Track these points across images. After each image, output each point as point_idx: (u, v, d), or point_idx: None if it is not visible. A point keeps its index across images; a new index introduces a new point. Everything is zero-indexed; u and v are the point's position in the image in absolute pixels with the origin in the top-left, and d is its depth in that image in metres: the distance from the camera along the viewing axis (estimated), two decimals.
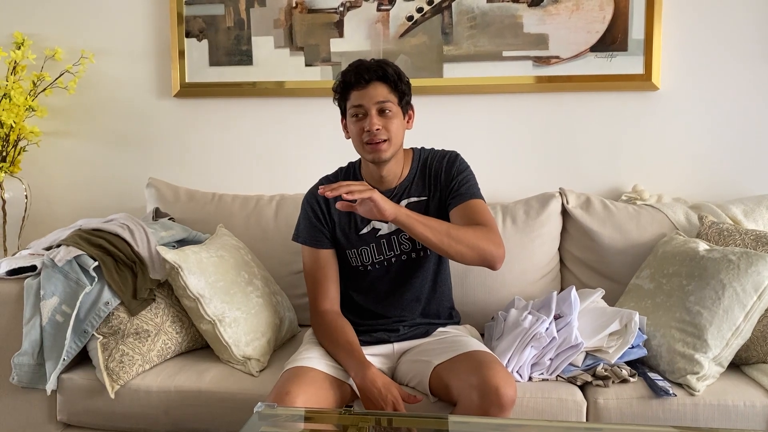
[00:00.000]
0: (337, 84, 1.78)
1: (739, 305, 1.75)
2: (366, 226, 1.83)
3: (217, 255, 2.01)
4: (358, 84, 1.73)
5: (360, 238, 1.84)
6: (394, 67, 1.77)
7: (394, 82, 1.74)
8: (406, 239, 1.82)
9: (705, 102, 2.38)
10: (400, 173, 1.84)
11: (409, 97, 1.80)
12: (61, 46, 2.53)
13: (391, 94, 1.74)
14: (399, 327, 1.84)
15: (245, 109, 2.55)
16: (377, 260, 1.84)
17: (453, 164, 1.83)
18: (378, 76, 1.73)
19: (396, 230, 1.82)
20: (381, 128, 1.72)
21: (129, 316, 1.89)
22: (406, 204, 1.81)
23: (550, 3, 2.37)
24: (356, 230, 1.84)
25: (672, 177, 2.40)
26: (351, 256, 1.86)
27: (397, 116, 1.76)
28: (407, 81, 1.79)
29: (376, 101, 1.73)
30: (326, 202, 1.85)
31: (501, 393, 1.51)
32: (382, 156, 1.75)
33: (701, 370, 1.72)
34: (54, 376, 1.85)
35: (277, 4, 2.48)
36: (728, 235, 2.00)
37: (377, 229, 1.83)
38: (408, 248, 1.83)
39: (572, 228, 2.22)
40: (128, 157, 2.61)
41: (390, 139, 1.74)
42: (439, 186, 1.83)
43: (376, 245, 1.83)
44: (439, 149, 1.90)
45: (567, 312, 1.79)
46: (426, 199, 1.83)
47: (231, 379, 1.84)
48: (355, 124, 1.75)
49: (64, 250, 1.92)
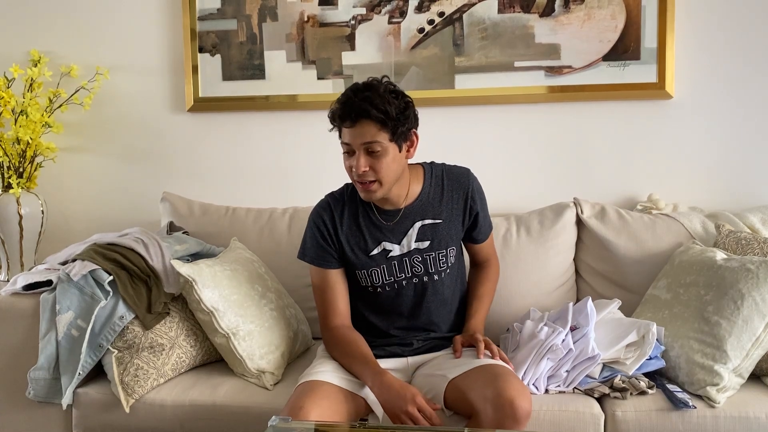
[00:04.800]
0: (329, 115, 1.72)
1: (758, 315, 1.72)
2: (377, 246, 1.79)
3: (231, 268, 2.01)
4: (345, 123, 1.67)
5: (370, 258, 1.79)
6: (385, 102, 1.64)
7: (383, 119, 1.64)
8: (418, 262, 1.79)
9: (720, 110, 2.36)
10: (405, 193, 1.78)
11: (406, 127, 1.69)
12: (77, 63, 2.56)
13: (381, 132, 1.65)
14: (413, 341, 1.83)
15: (258, 123, 2.57)
16: (387, 281, 1.80)
17: (472, 191, 1.82)
18: (365, 114, 1.64)
19: (407, 252, 1.79)
20: (368, 170, 1.67)
21: (143, 330, 1.89)
22: (421, 225, 1.78)
23: (562, 13, 2.37)
24: (366, 251, 1.79)
25: (687, 186, 2.38)
26: (360, 276, 1.81)
27: (387, 153, 1.67)
28: (403, 111, 1.67)
29: (363, 141, 1.65)
30: (333, 221, 1.80)
31: (516, 406, 1.50)
32: (372, 196, 1.71)
33: (721, 382, 1.69)
34: (70, 391, 1.86)
35: (289, 18, 2.49)
36: (746, 244, 1.97)
37: (388, 251, 1.79)
38: (420, 271, 1.80)
39: (587, 238, 2.21)
40: (143, 172, 2.63)
41: (379, 180, 1.68)
42: (456, 213, 1.81)
43: (387, 266, 1.79)
44: (450, 165, 1.86)
45: (583, 323, 1.78)
46: (440, 223, 1.80)
47: (245, 393, 1.84)
48: (345, 159, 1.71)
49: (79, 264, 1.93)
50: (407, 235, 1.78)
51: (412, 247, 1.79)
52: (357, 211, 1.80)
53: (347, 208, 1.81)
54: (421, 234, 1.79)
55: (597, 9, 2.35)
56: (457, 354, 1.75)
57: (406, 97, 1.71)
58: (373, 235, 1.79)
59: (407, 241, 1.78)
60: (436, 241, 1.79)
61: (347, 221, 1.80)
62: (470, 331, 1.81)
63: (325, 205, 1.83)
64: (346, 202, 1.81)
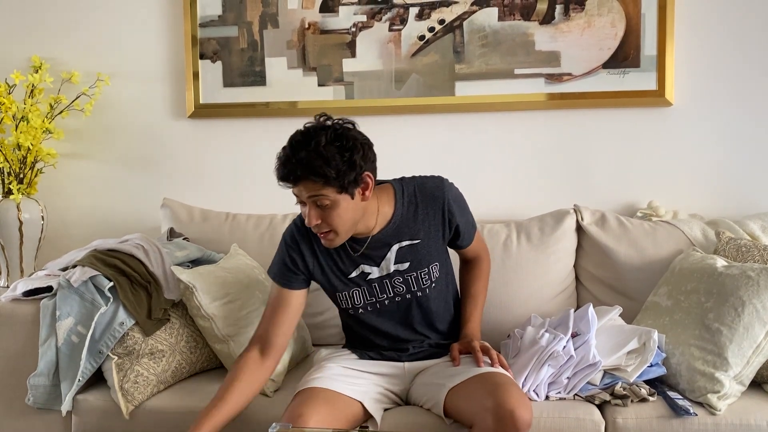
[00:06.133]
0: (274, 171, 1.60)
1: (759, 322, 1.72)
2: (355, 269, 1.72)
3: (231, 275, 2.01)
4: (285, 184, 1.59)
5: (350, 281, 1.73)
6: (324, 161, 1.52)
7: (324, 176, 1.53)
8: (400, 282, 1.73)
9: (719, 117, 2.37)
10: (374, 223, 1.69)
11: (354, 175, 1.56)
12: (78, 69, 2.56)
13: (326, 187, 1.55)
14: (408, 347, 1.80)
15: (259, 130, 2.57)
16: (369, 302, 1.75)
17: (448, 204, 1.72)
18: (303, 177, 1.54)
19: (387, 275, 1.72)
20: (320, 222, 1.60)
21: (144, 337, 1.89)
22: (398, 248, 1.71)
23: (562, 20, 2.38)
24: (344, 274, 1.73)
25: (687, 193, 2.38)
26: (341, 298, 1.76)
27: (338, 205, 1.57)
28: (349, 162, 1.54)
29: (309, 195, 1.57)
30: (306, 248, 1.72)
31: (516, 416, 1.48)
32: (332, 245, 1.65)
33: (722, 389, 1.69)
34: (69, 397, 1.85)
35: (290, 25, 2.50)
36: (746, 251, 1.97)
37: (367, 273, 1.72)
38: (402, 291, 1.74)
39: (587, 245, 2.21)
40: (143, 178, 2.63)
41: (335, 229, 1.61)
42: (435, 229, 1.73)
43: (368, 288, 1.74)
44: (423, 178, 1.76)
45: (584, 330, 1.77)
46: (418, 242, 1.72)
47: None
48: (300, 208, 1.63)
49: (79, 270, 1.93)
50: (385, 259, 1.72)
51: (392, 269, 1.72)
52: None
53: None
54: (399, 256, 1.72)
55: (597, 17, 2.36)
56: (456, 363, 1.72)
57: (355, 141, 1.57)
58: (350, 258, 1.72)
59: (386, 264, 1.72)
60: (417, 261, 1.72)
61: (323, 247, 1.71)
62: (467, 337, 1.77)
63: (298, 232, 1.74)
64: None
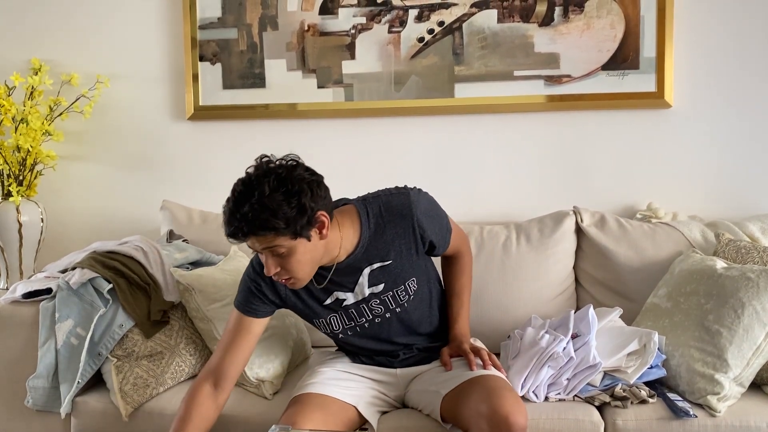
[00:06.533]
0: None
1: (759, 324, 1.72)
2: (329, 297, 1.66)
3: (230, 276, 2.01)
4: (235, 239, 1.48)
5: (325, 307, 1.68)
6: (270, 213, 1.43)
7: (274, 228, 1.44)
8: (377, 304, 1.67)
9: (719, 119, 2.37)
10: (337, 253, 1.59)
11: (306, 219, 1.47)
12: (77, 71, 2.56)
13: (278, 238, 1.47)
14: (399, 353, 1.77)
15: (258, 132, 2.57)
16: (348, 326, 1.70)
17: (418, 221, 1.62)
18: (252, 232, 1.45)
19: (363, 299, 1.66)
20: (279, 270, 1.52)
21: (143, 339, 1.89)
22: (370, 271, 1.63)
23: (561, 22, 2.38)
24: (319, 301, 1.67)
25: (687, 194, 2.38)
26: (318, 324, 1.72)
27: (296, 251, 1.49)
28: (298, 208, 1.45)
29: (262, 248, 1.49)
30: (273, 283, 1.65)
31: (511, 422, 1.47)
32: (296, 287, 1.58)
33: (722, 391, 1.69)
34: (68, 399, 1.85)
35: (289, 27, 2.50)
36: (746, 252, 1.97)
37: (342, 300, 1.66)
38: (381, 311, 1.68)
39: (587, 246, 2.21)
40: (143, 180, 2.63)
41: (294, 276, 1.54)
42: (406, 247, 1.64)
43: (344, 314, 1.69)
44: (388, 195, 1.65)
45: (584, 331, 1.77)
46: (390, 263, 1.64)
47: (245, 402, 1.83)
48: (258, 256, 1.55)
49: (78, 272, 1.93)
50: (358, 284, 1.65)
51: (367, 293, 1.66)
52: None
53: None
54: (372, 279, 1.65)
55: (596, 19, 2.36)
56: (447, 368, 1.69)
57: (301, 183, 1.48)
58: (322, 286, 1.65)
59: (360, 289, 1.65)
60: (391, 280, 1.66)
61: None
62: (456, 340, 1.74)
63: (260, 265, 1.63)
64: None
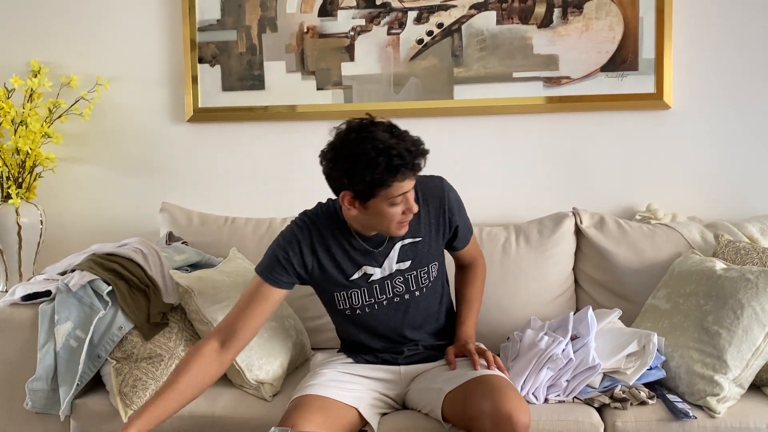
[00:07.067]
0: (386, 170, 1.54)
1: (758, 325, 1.72)
2: (357, 271, 1.72)
3: (230, 278, 2.01)
4: (414, 173, 1.58)
5: (351, 282, 1.73)
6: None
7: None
8: (400, 282, 1.74)
9: (718, 120, 2.37)
10: None
11: None
12: (77, 73, 2.56)
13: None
14: (404, 350, 1.79)
15: (257, 133, 2.57)
16: (367, 303, 1.75)
17: (449, 203, 1.75)
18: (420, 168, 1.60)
19: (389, 275, 1.73)
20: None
21: (142, 341, 1.89)
22: (401, 246, 1.72)
23: (560, 24, 2.38)
24: (345, 275, 1.72)
25: (686, 196, 2.38)
26: (339, 299, 1.75)
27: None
28: None
29: (411, 186, 1.61)
30: (308, 248, 1.69)
31: (514, 420, 1.48)
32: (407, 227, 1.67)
33: (721, 392, 1.69)
34: (68, 402, 1.85)
35: (288, 29, 2.50)
36: (745, 253, 1.97)
37: (369, 275, 1.72)
38: (401, 290, 1.75)
39: (586, 248, 2.21)
40: (142, 182, 2.63)
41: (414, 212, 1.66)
42: (435, 228, 1.75)
43: (368, 289, 1.74)
44: (422, 177, 1.71)
45: (584, 333, 1.77)
46: (420, 240, 1.74)
47: (244, 404, 1.83)
48: (393, 208, 1.60)
49: (78, 274, 1.93)
50: (388, 257, 1.72)
51: (394, 269, 1.73)
52: (336, 237, 1.71)
53: (325, 233, 1.71)
54: (402, 254, 1.73)
55: (595, 20, 2.36)
56: (452, 366, 1.72)
57: None
58: (353, 260, 1.72)
59: (389, 264, 1.72)
60: (417, 259, 1.74)
61: (325, 247, 1.70)
62: (462, 340, 1.77)
63: (301, 231, 1.71)
64: (322, 227, 1.71)
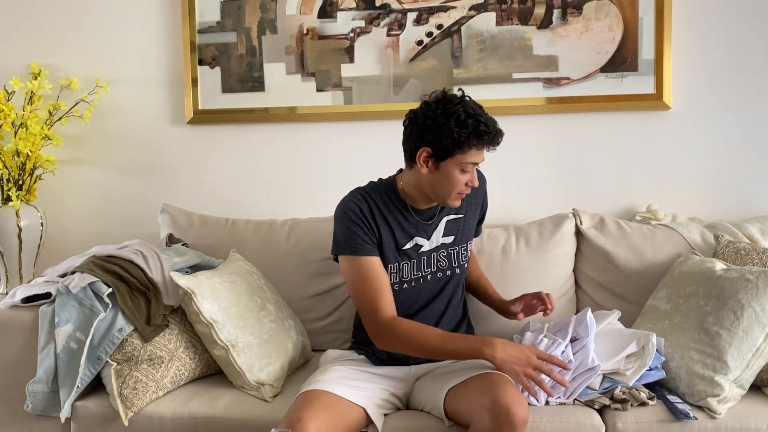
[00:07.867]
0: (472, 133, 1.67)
1: (759, 325, 1.72)
2: (409, 241, 1.81)
3: (230, 280, 2.01)
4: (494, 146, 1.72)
5: (402, 253, 1.81)
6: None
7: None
8: (444, 257, 1.85)
9: (717, 120, 2.37)
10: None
11: None
12: (77, 75, 2.57)
13: None
14: None
15: (257, 135, 2.57)
16: (415, 276, 1.82)
17: (485, 194, 1.96)
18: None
19: (435, 248, 1.84)
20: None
21: (143, 343, 1.89)
22: (447, 220, 1.84)
23: (560, 25, 2.38)
24: (397, 245, 1.80)
25: (686, 196, 2.38)
26: (390, 271, 1.80)
27: None
28: None
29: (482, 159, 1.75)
30: (370, 211, 1.77)
31: (512, 413, 1.51)
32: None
33: (722, 393, 1.69)
34: (68, 404, 1.85)
35: (288, 31, 2.51)
36: (745, 254, 1.97)
37: (420, 245, 1.82)
38: (444, 265, 1.85)
39: (586, 249, 2.21)
40: (142, 184, 2.64)
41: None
42: (473, 208, 1.91)
43: (417, 261, 1.82)
44: None
45: (583, 334, 1.77)
46: (462, 217, 1.87)
47: (244, 405, 1.83)
48: (461, 175, 1.72)
49: (78, 276, 1.93)
50: (436, 230, 1.83)
51: (440, 242, 1.84)
52: (390, 208, 1.80)
53: (380, 204, 1.79)
54: (447, 229, 1.85)
55: (594, 21, 2.36)
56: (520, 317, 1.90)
57: None
58: (405, 231, 1.80)
59: (436, 236, 1.83)
60: (459, 235, 1.87)
61: (380, 216, 1.79)
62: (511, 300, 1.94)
63: (359, 197, 1.80)
64: (377, 198, 1.80)
